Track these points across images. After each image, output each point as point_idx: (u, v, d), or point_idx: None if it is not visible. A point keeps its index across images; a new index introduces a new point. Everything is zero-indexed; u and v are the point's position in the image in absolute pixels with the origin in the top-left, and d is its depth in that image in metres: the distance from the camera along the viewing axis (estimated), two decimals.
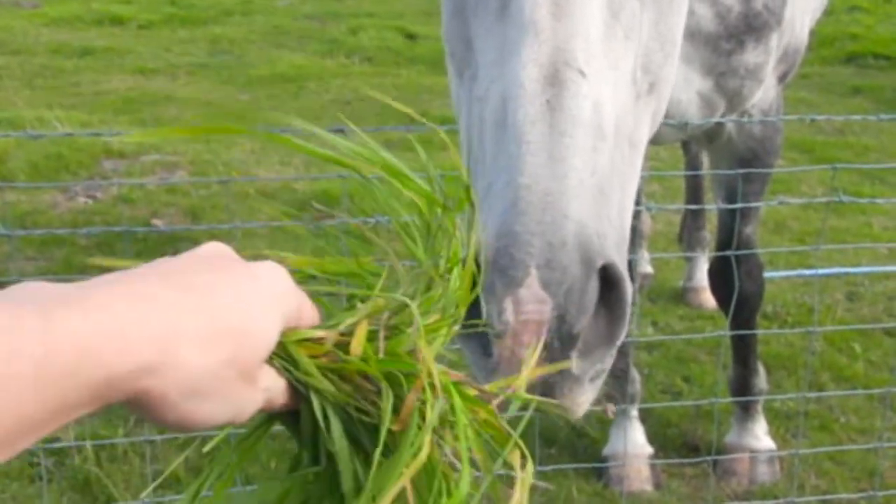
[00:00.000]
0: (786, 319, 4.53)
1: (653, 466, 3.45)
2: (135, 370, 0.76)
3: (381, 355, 0.95)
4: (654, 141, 3.02)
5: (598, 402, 1.48)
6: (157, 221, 5.39)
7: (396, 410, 0.93)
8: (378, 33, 10.30)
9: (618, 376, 3.47)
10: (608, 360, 1.47)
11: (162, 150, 6.53)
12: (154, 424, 0.89)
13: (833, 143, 6.97)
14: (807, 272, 4.84)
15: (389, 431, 0.91)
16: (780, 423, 3.75)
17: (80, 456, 3.38)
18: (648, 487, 3.42)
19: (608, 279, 1.40)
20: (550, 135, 1.41)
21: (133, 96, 8.12)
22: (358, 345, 0.94)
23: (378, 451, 0.90)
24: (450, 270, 1.12)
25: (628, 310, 1.44)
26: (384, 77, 8.99)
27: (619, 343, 1.46)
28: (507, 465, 1.01)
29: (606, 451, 3.50)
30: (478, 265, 1.26)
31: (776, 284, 4.72)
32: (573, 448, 3.62)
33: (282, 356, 0.91)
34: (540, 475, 3.12)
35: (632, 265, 3.31)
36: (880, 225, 5.63)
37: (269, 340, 0.87)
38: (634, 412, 3.49)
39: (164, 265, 0.85)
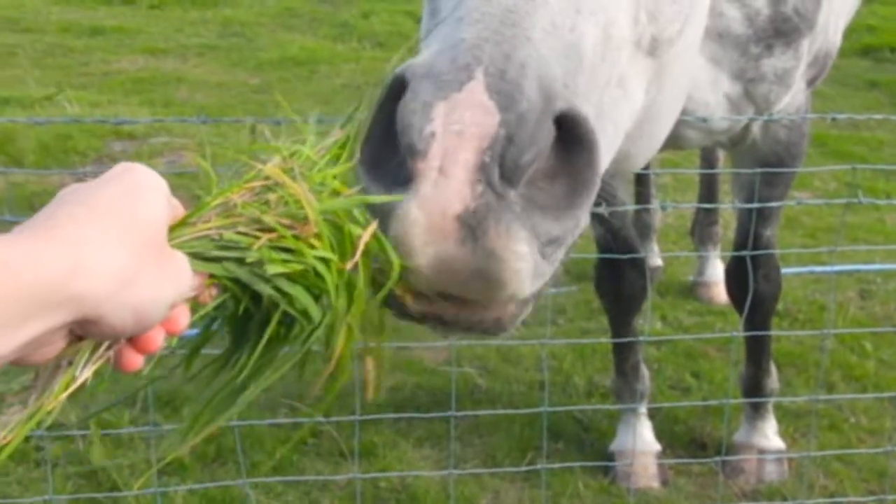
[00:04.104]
0: (797, 317, 4.49)
1: (660, 463, 3.43)
2: (53, 274, 0.86)
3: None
4: (680, 146, 2.98)
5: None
6: None
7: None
8: (390, 17, 10.23)
9: (627, 373, 3.45)
10: (566, 232, 1.25)
11: (171, 131, 6.50)
12: (114, 336, 0.96)
13: (847, 136, 6.90)
14: (819, 269, 4.80)
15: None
16: (790, 422, 3.72)
17: (86, 441, 3.37)
18: (655, 484, 3.40)
19: (571, 132, 1.22)
20: None
21: (143, 77, 8.08)
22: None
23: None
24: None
25: (596, 174, 1.26)
26: None
27: (582, 214, 1.27)
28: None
29: (613, 447, 3.48)
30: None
31: (788, 281, 4.67)
32: (580, 443, 3.60)
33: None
34: (546, 471, 3.11)
35: (642, 259, 3.28)
36: (894, 222, 5.57)
37: (159, 215, 0.98)
38: (643, 409, 3.47)
39: (59, 200, 0.96)
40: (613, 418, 3.60)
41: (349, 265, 1.13)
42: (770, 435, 3.49)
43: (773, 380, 3.50)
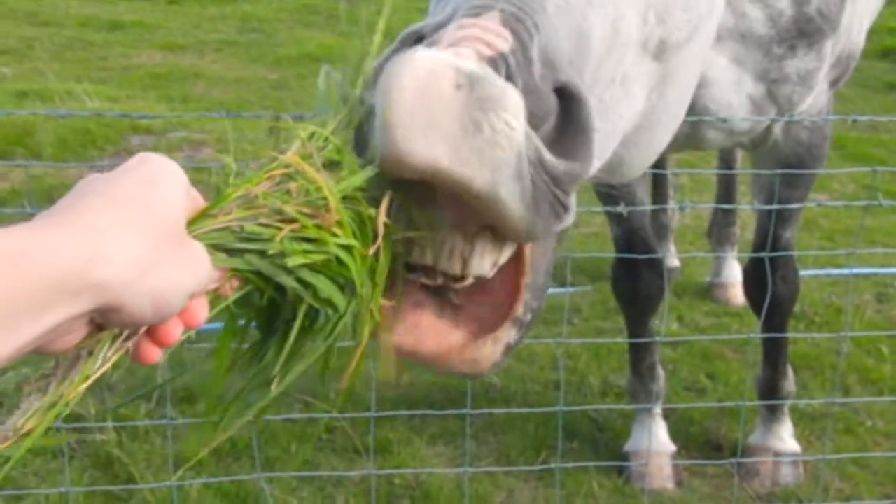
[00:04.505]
0: (813, 319, 4.47)
1: (675, 464, 3.42)
2: (73, 262, 0.87)
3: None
4: (701, 146, 2.96)
5: None
6: None
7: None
8: (406, 15, 10.23)
9: (643, 373, 3.44)
10: (562, 176, 1.22)
11: (189, 126, 6.52)
12: (134, 324, 0.97)
13: (867, 139, 6.86)
14: (836, 272, 4.78)
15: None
16: (805, 424, 3.71)
17: (102, 434, 3.39)
18: (670, 485, 3.39)
19: (569, 109, 1.22)
20: None
21: (161, 72, 8.11)
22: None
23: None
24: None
25: (589, 158, 1.26)
26: None
27: (575, 179, 1.24)
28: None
29: (628, 447, 3.48)
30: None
31: (805, 283, 4.65)
32: (594, 443, 3.60)
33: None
34: (561, 470, 3.11)
35: (660, 260, 3.27)
36: None
37: (178, 204, 0.98)
38: (658, 409, 3.46)
39: (77, 190, 0.97)
40: (628, 418, 3.60)
41: (371, 250, 1.13)
42: (786, 437, 3.48)
43: (790, 382, 3.49)
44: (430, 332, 1.27)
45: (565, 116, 1.23)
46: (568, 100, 1.23)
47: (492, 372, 1.32)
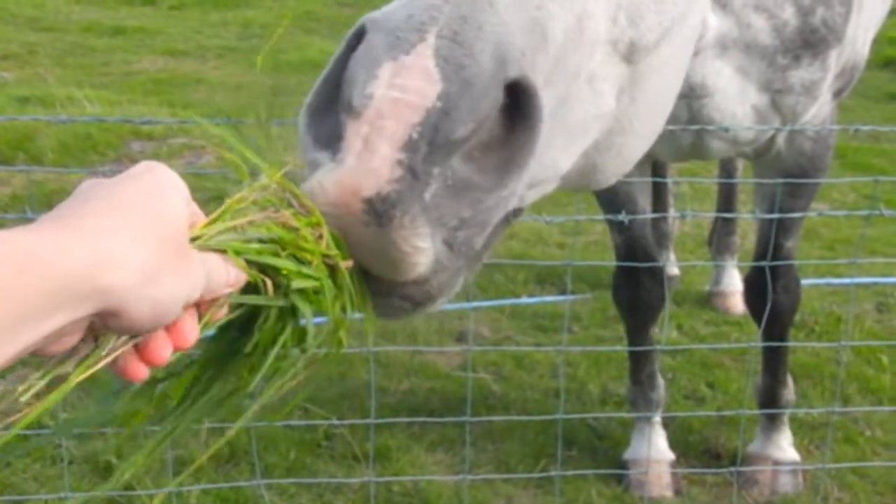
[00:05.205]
0: (813, 328, 4.48)
1: (674, 473, 3.42)
2: (81, 265, 0.87)
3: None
4: (704, 156, 2.97)
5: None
6: None
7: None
8: None
9: (642, 381, 3.44)
10: (485, 213, 1.25)
11: (190, 132, 6.53)
12: (132, 330, 0.97)
13: (867, 149, 6.88)
14: (837, 281, 4.78)
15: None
16: (805, 433, 3.71)
17: (101, 439, 3.39)
18: (669, 494, 3.39)
19: (519, 103, 1.23)
20: None
21: (163, 78, 8.13)
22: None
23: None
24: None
25: (531, 153, 1.26)
26: None
27: (508, 195, 1.27)
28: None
29: (627, 455, 3.47)
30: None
31: (805, 292, 4.66)
32: (594, 451, 3.59)
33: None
34: (560, 478, 3.10)
35: (661, 269, 3.27)
36: None
37: (180, 214, 0.99)
38: (657, 418, 3.46)
39: (81, 194, 0.98)
40: (628, 426, 3.59)
41: (350, 263, 1.19)
42: (785, 446, 3.48)
43: (789, 391, 3.49)
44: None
45: (515, 111, 1.24)
46: (518, 95, 1.24)
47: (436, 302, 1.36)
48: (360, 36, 1.27)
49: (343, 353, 1.23)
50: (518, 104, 1.24)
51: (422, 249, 1.20)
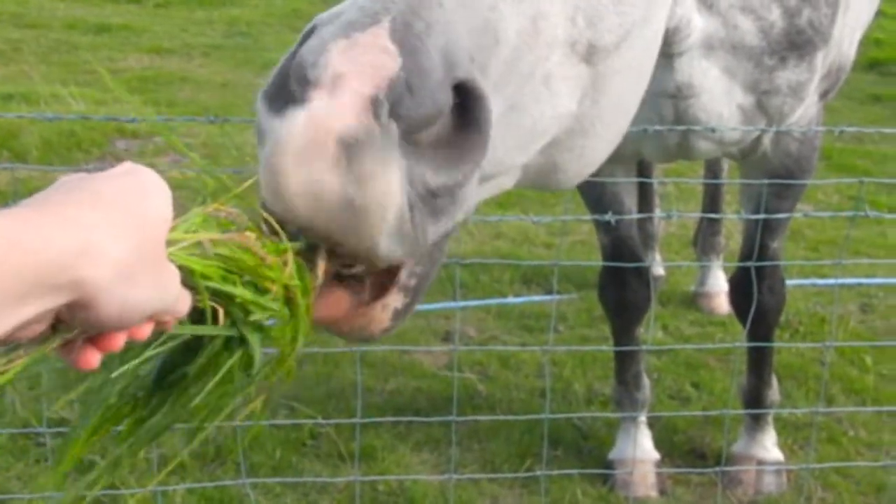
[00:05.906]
0: (798, 329, 4.50)
1: (659, 473, 3.43)
2: (62, 255, 0.87)
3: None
4: (690, 156, 2.97)
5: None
6: None
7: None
8: None
9: (628, 381, 3.45)
10: (444, 189, 1.24)
11: (176, 131, 6.49)
12: (97, 325, 0.96)
13: (851, 150, 6.91)
14: (821, 282, 4.80)
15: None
16: (789, 433, 3.72)
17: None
18: (654, 494, 3.40)
19: (466, 107, 1.23)
20: None
21: (148, 76, 8.08)
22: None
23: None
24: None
25: (482, 153, 1.27)
26: None
27: (464, 181, 1.26)
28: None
29: (612, 455, 3.48)
30: None
31: (789, 293, 4.68)
32: (579, 451, 3.60)
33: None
34: (545, 478, 3.11)
35: (647, 269, 3.28)
36: None
37: (163, 217, 0.99)
38: (643, 418, 3.47)
39: (63, 185, 0.97)
40: (613, 426, 3.60)
41: (318, 282, 1.21)
42: (769, 446, 3.49)
43: (774, 391, 3.50)
44: (324, 299, 1.31)
45: (462, 113, 1.25)
46: (465, 96, 1.24)
47: (382, 336, 1.38)
48: (312, 33, 1.27)
49: (328, 354, 1.25)
50: (467, 106, 1.25)
51: (392, 189, 1.17)
